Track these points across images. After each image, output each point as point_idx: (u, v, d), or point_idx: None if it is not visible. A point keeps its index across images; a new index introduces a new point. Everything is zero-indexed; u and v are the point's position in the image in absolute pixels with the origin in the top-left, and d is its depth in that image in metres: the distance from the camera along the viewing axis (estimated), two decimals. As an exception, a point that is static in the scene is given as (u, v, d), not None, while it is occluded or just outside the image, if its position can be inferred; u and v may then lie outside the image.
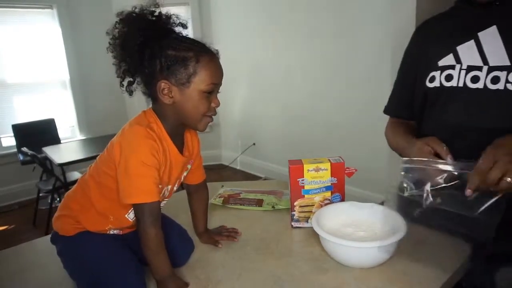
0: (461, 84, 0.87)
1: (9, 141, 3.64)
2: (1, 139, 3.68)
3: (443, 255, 0.85)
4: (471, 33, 0.87)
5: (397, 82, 1.10)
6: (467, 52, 0.87)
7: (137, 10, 0.75)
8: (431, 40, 0.97)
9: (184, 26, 0.80)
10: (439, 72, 0.90)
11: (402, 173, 0.80)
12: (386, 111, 1.15)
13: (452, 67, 0.88)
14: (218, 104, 0.81)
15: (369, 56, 2.75)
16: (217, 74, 0.79)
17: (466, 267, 0.85)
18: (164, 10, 0.78)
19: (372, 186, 2.81)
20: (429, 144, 0.83)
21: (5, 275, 0.90)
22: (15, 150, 3.47)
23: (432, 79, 0.92)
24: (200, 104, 0.78)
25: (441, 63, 0.91)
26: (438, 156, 0.81)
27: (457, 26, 0.92)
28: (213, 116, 0.82)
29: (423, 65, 0.96)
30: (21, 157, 3.36)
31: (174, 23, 0.79)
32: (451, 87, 0.88)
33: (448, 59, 0.89)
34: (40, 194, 3.27)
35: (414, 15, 2.27)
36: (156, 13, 0.77)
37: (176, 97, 0.77)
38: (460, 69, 0.87)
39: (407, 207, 0.80)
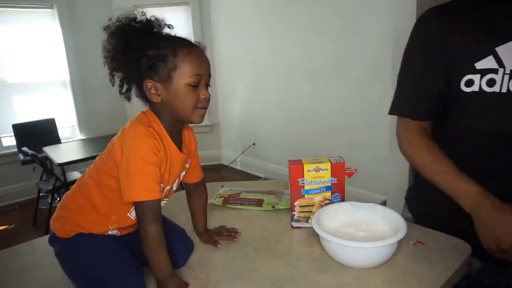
0: (504, 90, 0.78)
1: (10, 141, 3.64)
2: (2, 139, 3.69)
3: (443, 255, 0.85)
4: (508, 32, 0.78)
5: (415, 77, 0.92)
6: (509, 54, 0.78)
7: (121, 20, 0.77)
8: (460, 35, 0.84)
9: (170, 26, 0.81)
10: (478, 76, 0.81)
11: None
12: (402, 112, 0.95)
13: (494, 71, 0.79)
14: (207, 96, 0.80)
15: (369, 56, 2.75)
16: (199, 65, 0.79)
17: (473, 266, 0.85)
18: (150, 13, 0.80)
19: (372, 186, 2.81)
20: None
21: (5, 275, 0.90)
22: (15, 149, 3.48)
23: (470, 83, 0.82)
24: (187, 97, 0.78)
25: (479, 65, 0.80)
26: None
27: (490, 22, 0.81)
28: (205, 107, 0.82)
29: (450, 64, 0.84)
30: (21, 156, 3.37)
31: (160, 25, 0.80)
32: (493, 92, 0.79)
33: (489, 62, 0.80)
34: (40, 194, 3.27)
35: (414, 17, 2.27)
36: (139, 19, 0.78)
37: (163, 95, 0.78)
38: (504, 73, 0.78)
39: None
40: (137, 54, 0.76)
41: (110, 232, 0.86)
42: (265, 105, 3.81)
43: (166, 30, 0.80)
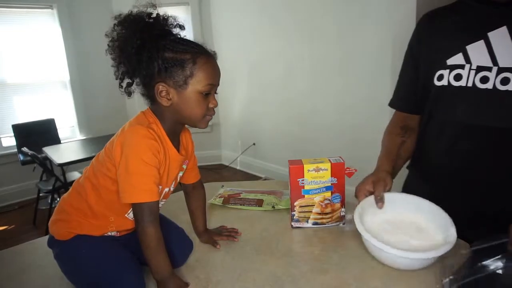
0: (470, 84, 0.86)
1: (9, 141, 3.64)
2: (1, 139, 3.68)
3: (443, 255, 0.85)
4: (480, 33, 0.86)
5: (401, 75, 1.09)
6: (477, 52, 0.86)
7: (134, 12, 0.76)
8: (438, 36, 0.95)
9: (182, 27, 0.80)
10: (447, 71, 0.90)
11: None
12: (391, 104, 1.13)
13: (461, 66, 0.88)
14: (215, 105, 0.81)
15: (369, 56, 2.75)
16: (214, 75, 0.79)
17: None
18: (161, 11, 0.78)
19: (372, 186, 2.80)
20: (372, 184, 0.96)
21: (5, 275, 0.90)
22: (15, 150, 3.48)
23: (440, 78, 0.91)
24: (198, 105, 0.79)
25: (450, 61, 0.90)
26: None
27: (466, 24, 0.90)
28: (211, 115, 0.82)
29: (430, 61, 0.95)
30: (21, 157, 3.37)
31: (172, 24, 0.79)
32: (460, 86, 0.88)
33: (458, 58, 0.88)
34: (40, 194, 3.27)
35: (414, 17, 2.28)
36: (154, 15, 0.77)
37: (174, 99, 0.78)
38: (470, 69, 0.86)
39: None
40: (152, 54, 0.74)
41: (109, 233, 0.86)
42: (265, 105, 3.81)
43: (176, 30, 0.79)
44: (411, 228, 0.91)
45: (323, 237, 0.99)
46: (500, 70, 0.82)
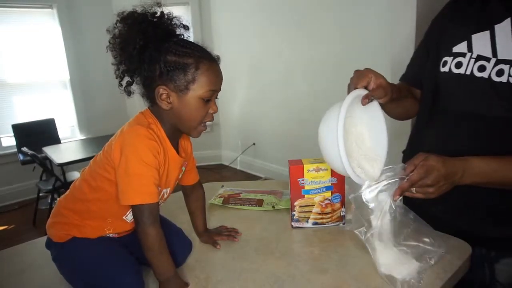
0: (468, 72, 0.87)
1: (9, 141, 3.65)
2: (1, 139, 3.69)
3: (443, 255, 0.85)
4: (488, 24, 0.86)
5: (417, 51, 1.08)
6: (480, 42, 0.87)
7: (138, 10, 0.74)
8: (453, 22, 0.96)
9: (186, 27, 0.79)
10: (451, 58, 0.91)
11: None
12: (402, 78, 1.10)
13: (463, 54, 0.89)
14: (215, 111, 0.81)
15: (369, 57, 2.75)
16: (216, 81, 0.79)
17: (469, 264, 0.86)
18: (166, 10, 0.77)
19: (372, 186, 2.80)
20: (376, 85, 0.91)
21: (5, 275, 0.90)
22: (15, 150, 3.48)
23: (445, 64, 0.92)
24: (198, 110, 0.78)
25: (455, 49, 0.91)
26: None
27: (478, 14, 0.91)
28: (210, 121, 0.82)
29: (439, 47, 0.96)
30: (21, 157, 3.37)
31: (176, 24, 0.78)
32: (459, 74, 0.89)
33: (462, 47, 0.90)
34: (40, 194, 3.27)
35: (414, 18, 2.27)
36: (158, 14, 0.76)
37: (174, 103, 0.77)
38: (470, 57, 0.87)
39: None
40: (154, 56, 0.74)
41: (107, 235, 0.85)
42: (265, 105, 3.81)
43: (181, 30, 0.78)
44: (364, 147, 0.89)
45: (323, 237, 0.99)
46: (498, 61, 0.83)
